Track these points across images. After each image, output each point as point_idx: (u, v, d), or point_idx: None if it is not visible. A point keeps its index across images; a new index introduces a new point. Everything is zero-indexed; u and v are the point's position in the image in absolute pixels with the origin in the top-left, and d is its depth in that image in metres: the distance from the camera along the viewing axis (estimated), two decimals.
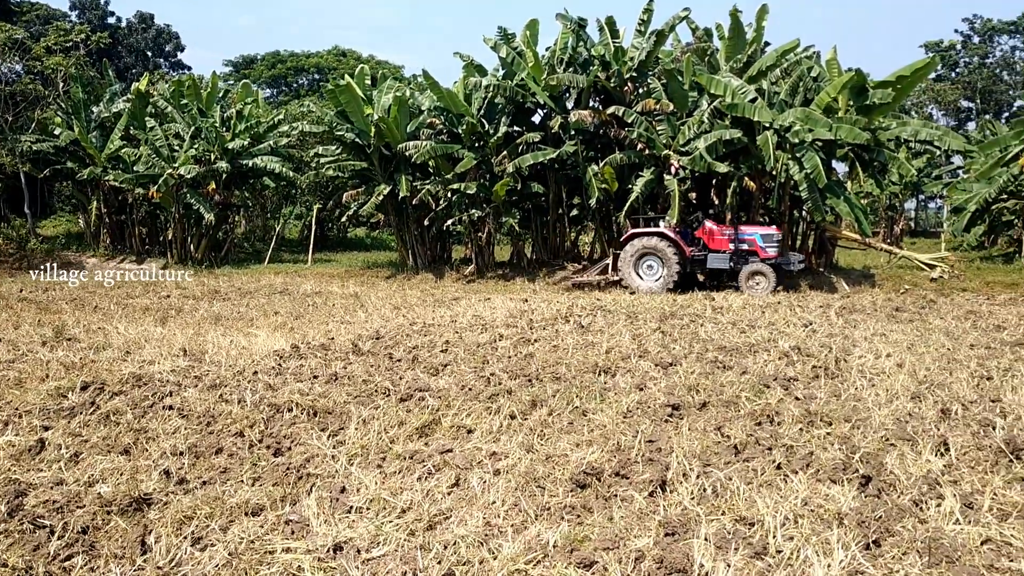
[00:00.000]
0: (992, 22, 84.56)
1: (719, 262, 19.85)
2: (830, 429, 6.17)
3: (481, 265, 25.62)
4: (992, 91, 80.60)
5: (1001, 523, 4.29)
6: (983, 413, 6.68)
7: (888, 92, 19.88)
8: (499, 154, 23.54)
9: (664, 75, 21.92)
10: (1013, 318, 13.51)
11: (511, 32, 24.24)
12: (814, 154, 19.29)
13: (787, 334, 11.57)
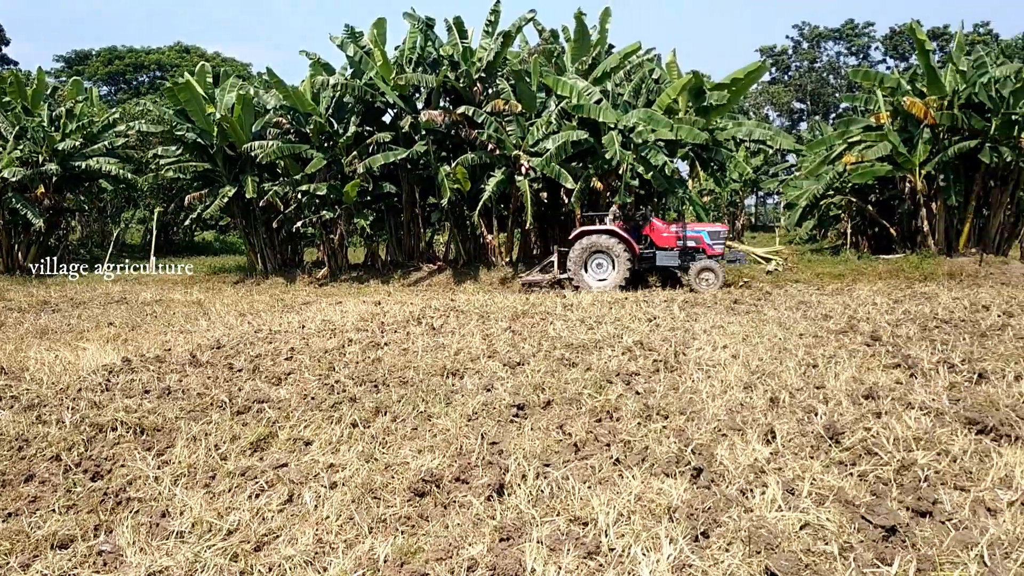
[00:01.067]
0: (819, 29, 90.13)
1: (668, 259, 20.02)
2: (666, 422, 6.34)
3: (334, 268, 25.11)
4: (820, 93, 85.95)
5: (819, 507, 4.49)
6: (808, 400, 7.03)
7: (724, 94, 20.81)
8: (349, 154, 23.14)
9: (512, 76, 22.13)
10: (839, 307, 14.37)
11: (359, 31, 23.86)
12: (656, 153, 19.95)
13: (632, 329, 11.87)
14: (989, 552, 3.89)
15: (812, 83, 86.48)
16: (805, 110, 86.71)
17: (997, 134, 19.80)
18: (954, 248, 21.74)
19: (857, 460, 5.36)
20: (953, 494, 4.70)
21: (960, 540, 4.02)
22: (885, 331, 11.13)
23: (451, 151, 23.96)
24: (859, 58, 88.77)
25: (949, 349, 9.49)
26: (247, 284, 24.38)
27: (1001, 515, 4.36)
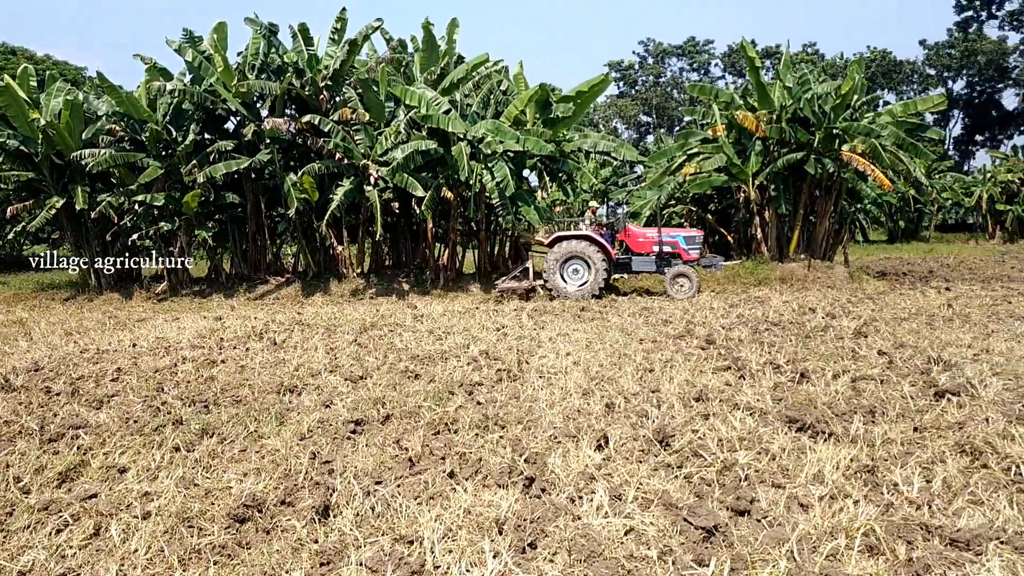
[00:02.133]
0: (663, 45, 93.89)
1: (644, 265, 19.80)
2: (504, 432, 6.32)
3: (174, 282, 23.93)
4: (665, 107, 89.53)
5: (644, 512, 4.56)
6: (642, 404, 7.19)
7: (570, 106, 21.23)
8: (189, 163, 22.11)
9: (360, 85, 21.78)
10: (679, 312, 14.88)
11: (198, 35, 22.88)
12: (504, 164, 20.12)
13: (480, 339, 11.86)
14: (799, 547, 4.04)
15: (657, 97, 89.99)
16: (651, 123, 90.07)
17: (820, 147, 21.11)
18: (785, 254, 23.00)
19: (684, 462, 5.50)
20: (770, 492, 4.88)
21: (773, 537, 4.17)
22: (719, 335, 11.59)
23: (298, 160, 23.33)
24: (700, 74, 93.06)
25: (776, 351, 9.97)
26: (78, 301, 22.86)
27: (812, 510, 4.56)
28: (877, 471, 5.16)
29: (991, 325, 12.05)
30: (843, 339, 10.80)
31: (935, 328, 11.89)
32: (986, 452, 5.43)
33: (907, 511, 4.50)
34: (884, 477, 5.05)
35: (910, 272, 26.01)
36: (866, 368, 8.66)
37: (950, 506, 4.59)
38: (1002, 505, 4.55)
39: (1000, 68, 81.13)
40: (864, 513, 4.39)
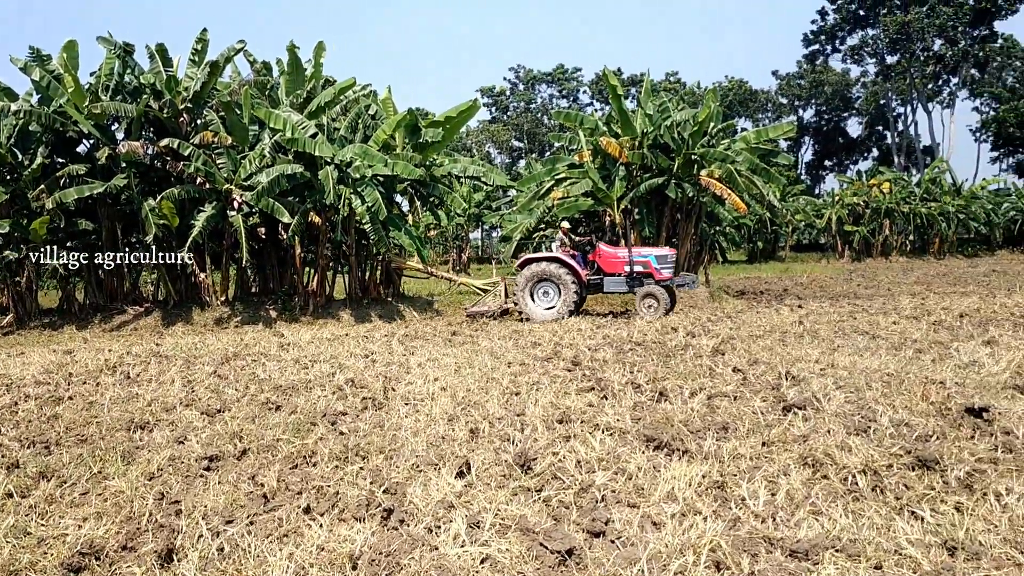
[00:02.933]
0: (533, 72, 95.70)
1: (616, 286, 19.46)
2: (364, 463, 6.21)
3: (21, 314, 22.46)
4: (536, 133, 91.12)
5: (501, 538, 4.56)
6: (506, 428, 7.22)
7: (439, 131, 21.31)
8: (36, 188, 20.90)
9: (222, 107, 21.19)
10: (548, 335, 15.08)
11: (46, 54, 21.72)
12: (374, 188, 19.96)
13: (347, 367, 11.66)
14: (649, 567, 4.12)
15: (528, 123, 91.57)
16: (523, 148, 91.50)
17: (680, 172, 21.95)
18: None
19: (544, 486, 5.54)
20: (626, 512, 4.97)
21: (626, 557, 4.24)
22: (585, 356, 11.81)
23: (156, 185, 22.39)
24: (570, 100, 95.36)
25: (638, 371, 10.22)
26: None
27: (664, 528, 4.66)
28: (727, 486, 5.35)
29: (837, 340, 12.76)
30: (702, 357, 11.18)
31: (787, 344, 12.48)
32: (826, 464, 5.71)
33: (752, 525, 4.67)
34: (733, 492, 5.24)
35: (767, 291, 27.30)
36: (721, 385, 8.99)
37: (792, 517, 4.79)
38: (839, 514, 4.78)
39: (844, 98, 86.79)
40: (712, 529, 4.53)
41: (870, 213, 47.73)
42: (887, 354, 11.06)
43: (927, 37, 72.52)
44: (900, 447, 6.06)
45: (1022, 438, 6.43)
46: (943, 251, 49.11)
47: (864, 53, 79.62)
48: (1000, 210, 51.62)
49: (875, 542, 4.36)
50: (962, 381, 8.88)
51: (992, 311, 16.30)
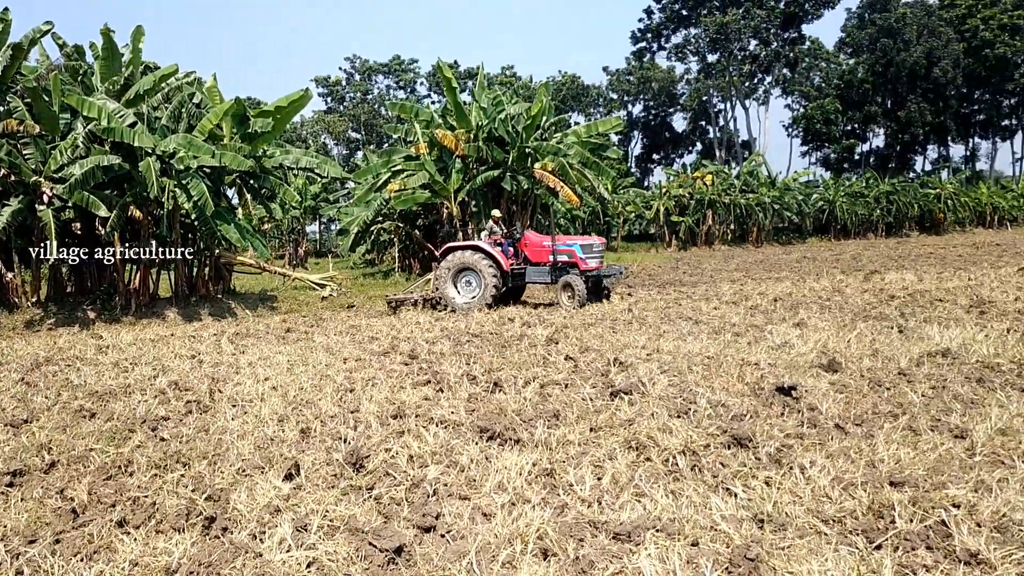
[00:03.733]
0: (369, 63, 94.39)
1: (538, 275, 18.49)
2: (185, 470, 5.91)
3: None
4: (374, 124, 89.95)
5: (328, 540, 4.45)
6: (339, 427, 7.07)
7: (268, 121, 20.62)
8: None
9: (28, 93, 19.60)
10: (386, 329, 14.92)
11: None
12: (200, 181, 19.07)
13: (171, 369, 11.09)
14: (478, 559, 4.14)
15: (365, 114, 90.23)
16: (361, 139, 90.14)
17: (515, 165, 22.30)
18: None
19: (376, 483, 5.46)
20: (457, 504, 4.98)
21: (456, 551, 4.24)
22: (423, 349, 11.77)
23: None
24: (407, 92, 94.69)
25: (475, 362, 10.29)
26: None
27: (494, 519, 4.70)
28: (555, 473, 5.46)
29: (663, 326, 13.32)
30: (536, 347, 11.39)
31: (617, 332, 12.91)
32: (649, 446, 5.94)
33: (579, 510, 4.79)
34: (561, 479, 5.35)
35: None
36: (554, 373, 9.18)
37: (617, 500, 4.95)
38: (660, 495, 4.98)
39: (670, 94, 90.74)
40: (540, 517, 4.61)
41: (695, 204, 50.15)
42: (708, 338, 11.65)
43: (743, 37, 76.98)
44: (717, 427, 6.39)
45: (825, 413, 6.93)
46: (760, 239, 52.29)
47: (687, 51, 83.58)
48: (810, 201, 55.49)
49: (692, 520, 4.57)
50: (774, 362, 9.48)
51: (802, 295, 17.51)
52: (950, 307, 14.20)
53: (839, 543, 4.21)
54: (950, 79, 70.41)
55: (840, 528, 4.43)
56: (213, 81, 22.45)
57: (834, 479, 5.15)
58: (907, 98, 72.11)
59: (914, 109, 71.83)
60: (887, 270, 24.40)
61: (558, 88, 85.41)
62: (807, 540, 4.23)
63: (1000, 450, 5.75)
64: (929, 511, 4.53)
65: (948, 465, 5.45)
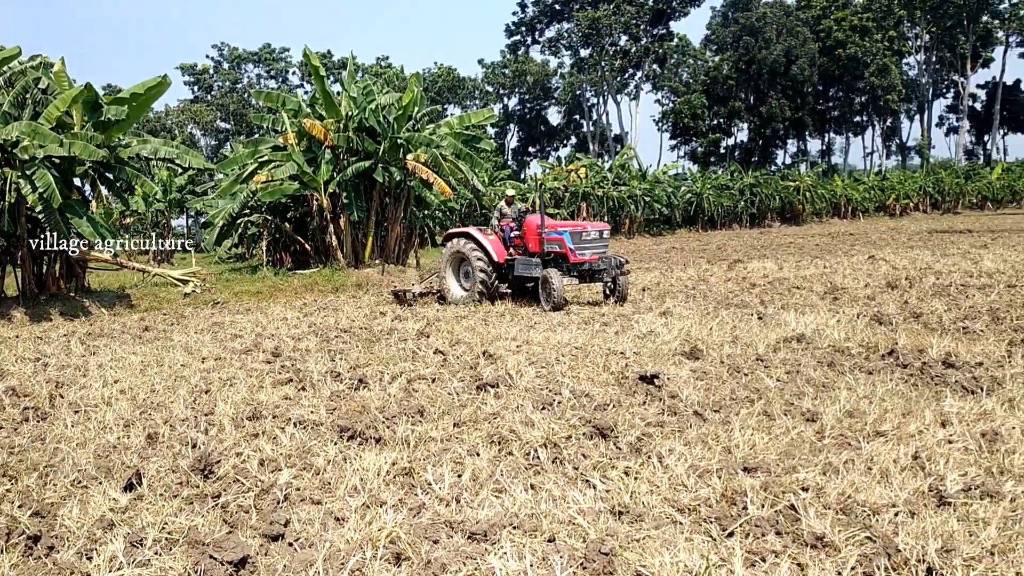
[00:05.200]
0: (238, 51, 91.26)
1: (526, 268, 15.55)
2: (12, 485, 5.43)
3: None
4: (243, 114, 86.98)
5: (165, 554, 4.16)
6: (190, 431, 6.68)
7: (123, 109, 19.49)
8: None
9: None
10: (251, 326, 14.35)
11: None
12: (46, 172, 17.85)
13: (11, 373, 10.29)
14: (326, 567, 3.94)
15: (234, 103, 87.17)
16: (230, 130, 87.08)
17: (387, 156, 21.91)
18: (361, 260, 23.52)
19: (224, 490, 5.16)
20: (309, 510, 4.75)
21: (303, 560, 4.02)
22: (287, 346, 11.36)
23: None
24: (279, 81, 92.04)
25: (342, 359, 9.99)
26: None
27: (347, 523, 4.50)
28: (415, 472, 5.30)
29: (535, 318, 13.35)
30: (407, 341, 11.18)
31: (489, 324, 12.85)
32: (511, 440, 5.86)
33: (436, 510, 4.65)
34: (420, 478, 5.20)
35: None
36: (422, 368, 9.01)
37: (476, 498, 4.83)
38: (520, 490, 4.90)
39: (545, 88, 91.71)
40: (394, 519, 4.44)
41: (569, 196, 50.81)
42: (577, 329, 11.73)
43: (614, 33, 78.54)
44: (580, 418, 6.38)
45: (685, 401, 7.04)
46: (632, 231, 53.50)
47: (560, 45, 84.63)
48: (679, 193, 57.12)
49: (551, 515, 4.50)
50: (639, 351, 9.61)
51: (669, 284, 17.96)
52: (806, 294, 14.83)
53: (693, 532, 4.23)
54: (807, 77, 73.94)
55: (695, 517, 4.45)
56: (61, 65, 21.02)
57: (691, 467, 5.20)
58: (768, 94, 75.34)
59: (775, 105, 75.08)
60: (750, 259, 25.33)
61: (433, 80, 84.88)
62: (662, 530, 4.23)
63: (848, 432, 5.95)
64: (779, 496, 4.62)
65: (799, 449, 5.60)
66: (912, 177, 68.88)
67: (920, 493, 4.68)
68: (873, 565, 3.73)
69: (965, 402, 6.65)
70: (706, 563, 3.73)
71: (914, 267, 19.21)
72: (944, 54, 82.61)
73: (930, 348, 9.00)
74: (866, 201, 64.25)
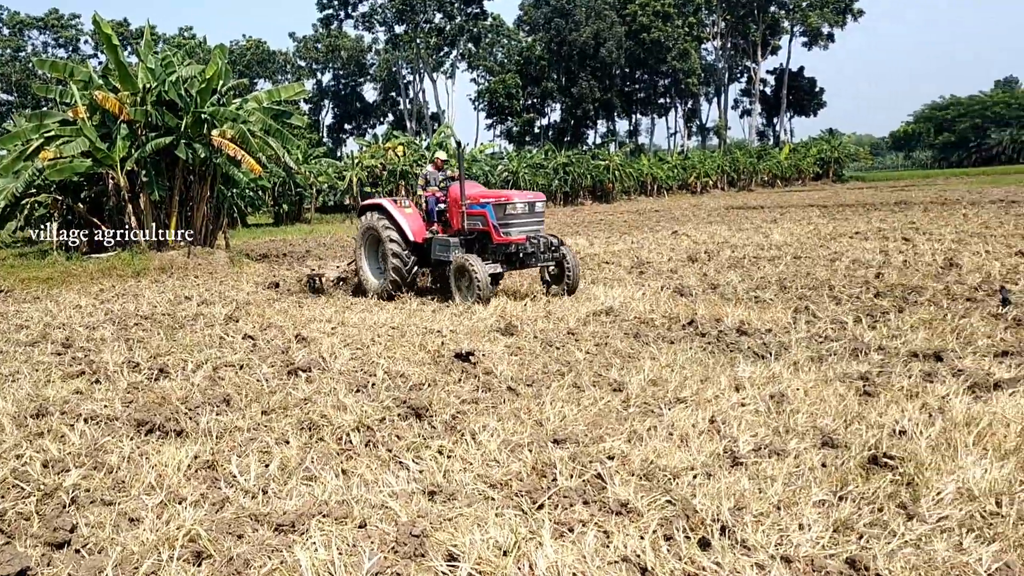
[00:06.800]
0: (21, 16, 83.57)
1: (442, 251, 12.53)
2: None
3: None
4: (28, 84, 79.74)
5: None
6: None
7: None
8: None
9: None
10: (39, 315, 13.20)
11: None
12: None
13: None
14: (116, 573, 3.67)
15: (17, 73, 79.72)
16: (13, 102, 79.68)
17: (190, 131, 20.68)
18: (164, 242, 22.16)
19: (2, 497, 4.70)
20: (100, 512, 4.40)
21: (91, 567, 3.73)
22: (80, 336, 10.55)
23: None
24: (68, 50, 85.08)
25: (142, 347, 9.37)
26: None
27: (143, 523, 4.21)
28: (218, 465, 5.05)
29: (352, 298, 13.10)
30: (214, 327, 10.65)
31: (303, 306, 12.48)
32: (323, 425, 5.70)
33: (241, 503, 4.44)
34: (224, 470, 4.95)
35: (290, 253, 27.25)
36: (230, 355, 8.61)
37: (284, 488, 4.66)
38: (331, 477, 4.77)
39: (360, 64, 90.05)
40: (194, 516, 4.19)
41: (387, 174, 50.25)
42: (395, 308, 11.62)
43: (428, 10, 78.11)
44: (394, 399, 6.31)
45: (500, 376, 7.12)
46: None
47: (375, 20, 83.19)
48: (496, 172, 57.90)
49: (363, 500, 4.41)
50: (456, 328, 9.64)
51: None
52: (615, 269, 15.41)
53: (505, 507, 4.26)
54: (615, 59, 76.60)
55: (507, 492, 4.50)
56: None
57: (503, 442, 5.25)
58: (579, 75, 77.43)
59: (585, 86, 77.30)
60: (564, 236, 26.04)
61: (241, 53, 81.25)
62: (474, 508, 4.24)
63: (651, 400, 6.22)
64: (587, 466, 4.75)
65: (606, 419, 5.79)
66: (711, 157, 73.19)
67: (716, 455, 4.96)
68: (673, 527, 3.89)
69: (756, 367, 7.11)
70: (515, 537, 3.77)
71: (712, 241, 20.42)
72: (738, 41, 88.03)
73: (726, 317, 9.58)
74: (670, 179, 67.65)
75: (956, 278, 11.99)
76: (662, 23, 77.57)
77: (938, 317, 9.06)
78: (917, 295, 10.68)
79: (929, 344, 7.78)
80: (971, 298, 10.34)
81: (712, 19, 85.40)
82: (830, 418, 5.58)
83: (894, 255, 15.07)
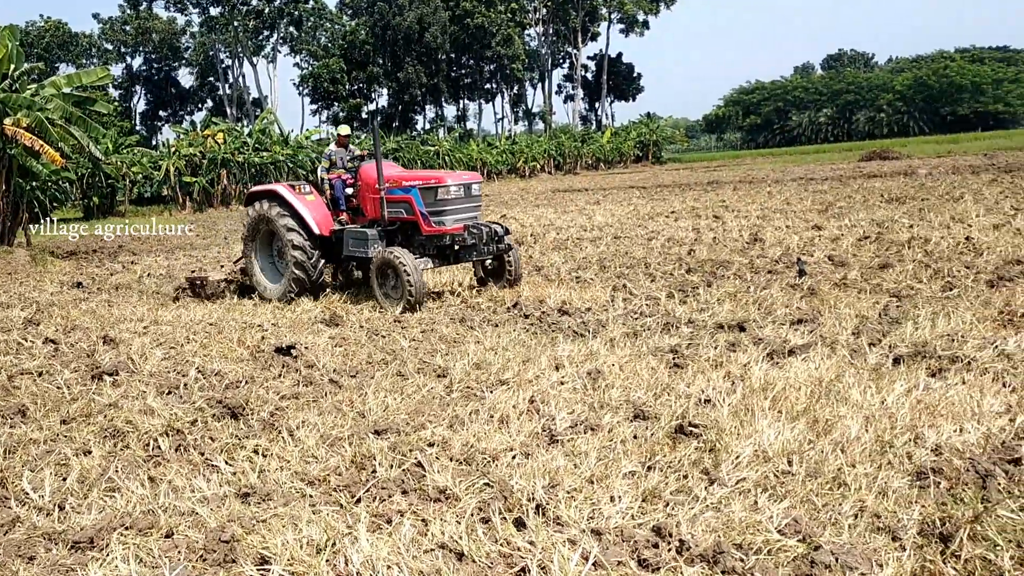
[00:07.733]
0: None
1: (359, 245, 10.51)
2: None
3: None
4: None
5: None
6: None
7: None
8: None
9: None
10: None
11: None
12: None
13: None
14: None
15: None
16: None
17: None
18: None
19: None
20: None
21: None
22: None
23: None
24: None
25: None
26: None
27: None
28: (8, 482, 4.66)
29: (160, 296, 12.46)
30: (11, 332, 9.83)
31: (113, 305, 11.75)
32: (129, 432, 5.39)
33: (34, 521, 4.13)
34: (15, 487, 4.59)
35: (100, 249, 25.58)
36: (28, 361, 7.97)
37: (84, 502, 4.36)
38: (137, 486, 4.51)
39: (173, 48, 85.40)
40: None
41: (207, 164, 48.07)
42: (213, 304, 11.14)
43: None
44: (208, 399, 6.05)
45: (323, 369, 6.98)
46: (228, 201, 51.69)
47: (188, 2, 79.04)
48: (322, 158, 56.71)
49: (171, 507, 4.20)
50: (277, 322, 9.37)
51: None
52: None
53: (322, 504, 4.18)
54: (439, 44, 76.45)
55: (324, 488, 4.41)
56: None
57: (322, 437, 5.15)
58: (404, 60, 76.80)
59: (411, 71, 76.76)
60: None
61: (39, 35, 75.20)
62: (290, 507, 4.13)
63: (474, 384, 6.27)
64: (407, 455, 4.73)
65: (429, 405, 5.79)
66: (538, 141, 74.55)
67: (534, 435, 5.06)
68: (490, 510, 3.94)
69: (575, 345, 7.33)
70: (329, 535, 3.70)
71: (539, 224, 20.85)
72: (560, 27, 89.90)
73: (548, 298, 9.81)
74: (499, 164, 68.42)
75: (759, 252, 12.81)
76: (485, 8, 78.06)
77: (742, 290, 9.66)
78: (724, 269, 11.33)
79: (734, 316, 8.27)
80: (772, 271, 11.07)
81: (533, 5, 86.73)
82: (642, 391, 5.82)
83: (705, 232, 15.91)
